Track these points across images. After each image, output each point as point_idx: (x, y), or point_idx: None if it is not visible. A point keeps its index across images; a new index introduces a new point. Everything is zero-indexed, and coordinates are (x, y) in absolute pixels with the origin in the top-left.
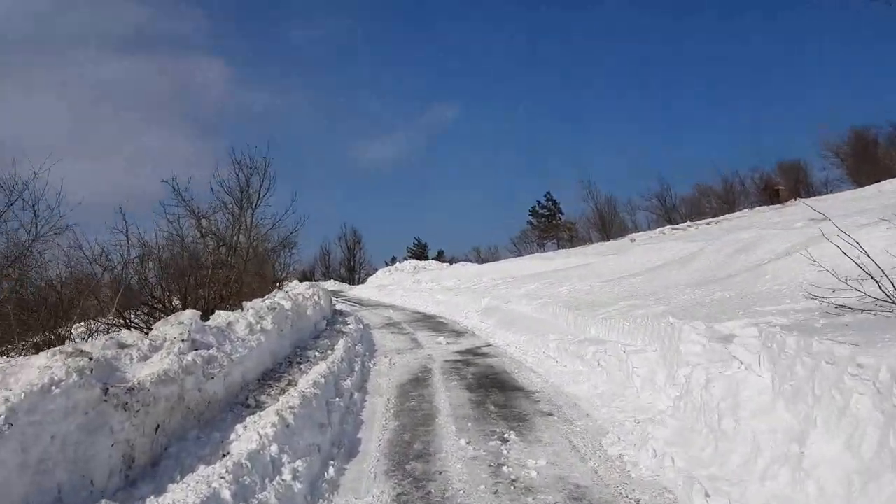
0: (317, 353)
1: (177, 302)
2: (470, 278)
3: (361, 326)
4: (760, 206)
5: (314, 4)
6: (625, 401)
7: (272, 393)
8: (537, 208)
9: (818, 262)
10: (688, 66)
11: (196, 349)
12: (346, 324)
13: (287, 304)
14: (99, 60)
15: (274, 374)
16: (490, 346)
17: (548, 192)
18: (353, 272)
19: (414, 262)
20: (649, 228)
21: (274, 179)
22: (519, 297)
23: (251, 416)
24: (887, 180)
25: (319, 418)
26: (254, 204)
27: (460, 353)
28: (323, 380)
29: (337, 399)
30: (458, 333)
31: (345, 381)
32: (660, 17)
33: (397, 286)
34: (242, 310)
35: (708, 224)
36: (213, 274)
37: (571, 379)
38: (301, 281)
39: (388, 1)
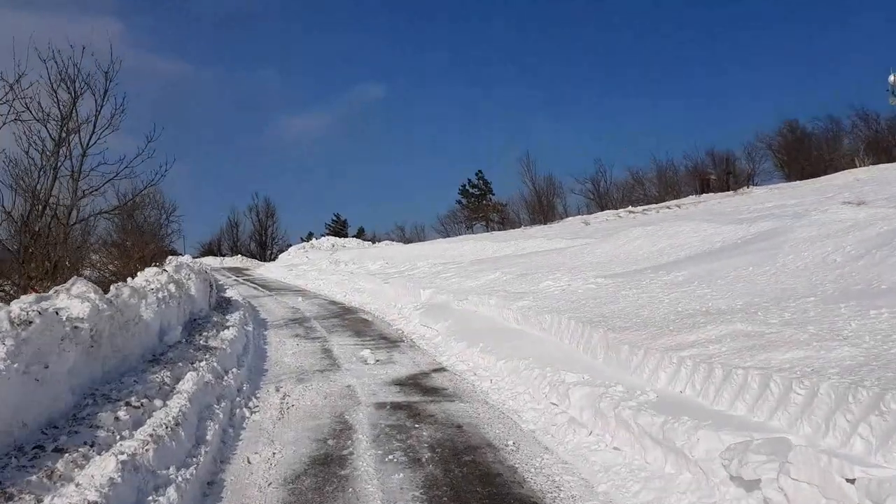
0: (122, 413)
1: None
2: (401, 261)
3: (250, 329)
4: (701, 194)
5: None
6: None
7: None
8: (467, 187)
9: None
10: (626, 49)
11: None
12: (224, 326)
13: (79, 309)
14: None
15: None
16: (444, 370)
17: (479, 171)
18: (265, 248)
19: (332, 239)
20: (579, 213)
21: (122, 109)
22: (478, 293)
23: None
24: (848, 170)
25: None
26: (84, 141)
27: (399, 384)
28: None
29: None
30: (392, 343)
31: (164, 489)
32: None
33: (311, 266)
34: None
35: (669, 209)
36: None
37: (656, 498)
38: (204, 256)
39: None
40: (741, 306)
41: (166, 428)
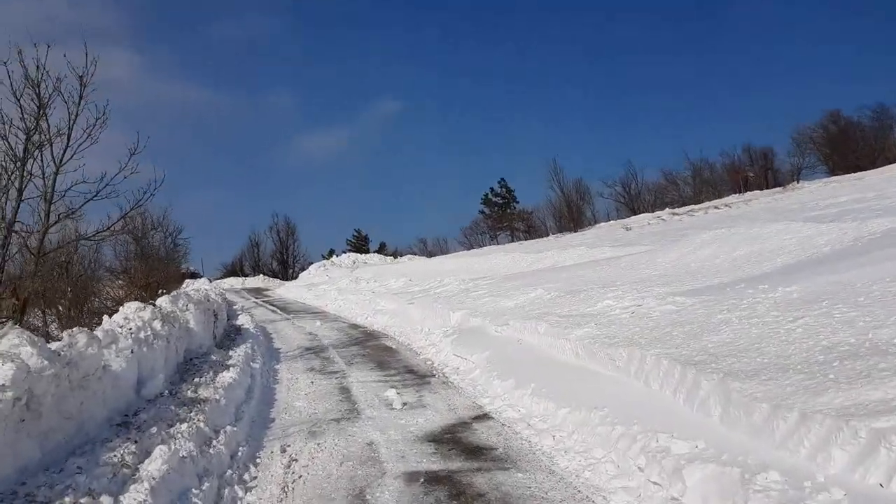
0: None
1: None
2: (425, 277)
3: (258, 366)
4: (742, 193)
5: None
6: None
7: None
8: (490, 196)
9: None
10: (657, 47)
11: None
12: (224, 366)
13: None
14: None
15: None
16: (488, 418)
17: (502, 179)
18: (287, 266)
19: (353, 255)
20: (609, 218)
21: (104, 119)
22: (520, 316)
23: None
24: None
25: None
26: (56, 156)
27: (434, 441)
28: None
29: None
30: (421, 378)
31: None
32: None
33: (331, 285)
34: None
35: (718, 209)
36: None
37: None
38: (227, 276)
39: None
40: None
41: None
